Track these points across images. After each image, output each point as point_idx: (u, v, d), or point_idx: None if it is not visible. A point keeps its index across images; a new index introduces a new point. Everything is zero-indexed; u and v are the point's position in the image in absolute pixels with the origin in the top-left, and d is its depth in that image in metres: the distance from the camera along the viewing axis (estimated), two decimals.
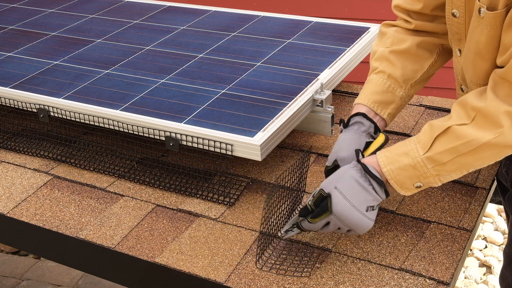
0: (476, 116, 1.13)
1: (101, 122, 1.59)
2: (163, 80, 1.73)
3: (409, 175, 1.18)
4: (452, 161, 1.15)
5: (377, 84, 1.38)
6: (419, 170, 1.17)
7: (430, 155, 1.16)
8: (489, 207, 3.24)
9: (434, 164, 1.16)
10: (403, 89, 1.39)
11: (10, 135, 1.77)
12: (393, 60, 1.38)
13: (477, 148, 1.13)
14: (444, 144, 1.15)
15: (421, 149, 1.17)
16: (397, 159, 1.19)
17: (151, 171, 1.58)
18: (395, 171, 1.19)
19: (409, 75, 1.39)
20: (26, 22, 2.23)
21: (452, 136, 1.14)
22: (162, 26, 2.12)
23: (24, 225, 1.45)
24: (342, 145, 1.32)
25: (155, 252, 1.32)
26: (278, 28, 2.04)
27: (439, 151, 1.15)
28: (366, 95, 1.38)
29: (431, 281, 1.20)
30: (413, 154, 1.17)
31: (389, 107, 1.38)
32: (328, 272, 1.24)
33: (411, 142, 1.19)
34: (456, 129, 1.14)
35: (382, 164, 1.20)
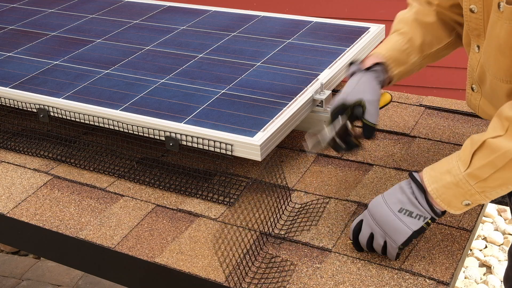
0: (510, 126, 1.11)
1: (101, 122, 1.59)
2: (163, 80, 1.73)
3: (454, 193, 1.16)
4: (492, 177, 1.12)
5: (397, 42, 1.41)
6: (463, 188, 1.15)
7: (470, 171, 1.13)
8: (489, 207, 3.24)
9: (476, 181, 1.14)
10: (417, 56, 1.42)
11: (10, 135, 1.77)
12: (415, 27, 1.42)
13: None
14: (482, 159, 1.12)
15: (462, 166, 1.15)
16: (441, 178, 1.17)
17: (151, 171, 1.58)
18: (440, 190, 1.17)
19: (426, 45, 1.42)
20: (26, 22, 2.23)
21: (488, 150, 1.12)
22: (162, 26, 2.12)
23: (24, 225, 1.45)
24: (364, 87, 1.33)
25: (155, 252, 1.32)
26: (278, 28, 2.04)
27: (478, 166, 1.13)
28: (387, 48, 1.41)
29: (431, 281, 1.20)
30: (454, 172, 1.15)
31: (401, 67, 1.41)
32: (328, 272, 1.24)
33: (453, 159, 1.18)
34: (490, 142, 1.12)
35: (427, 184, 1.18)
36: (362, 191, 1.46)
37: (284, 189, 1.42)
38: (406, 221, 1.18)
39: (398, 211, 1.19)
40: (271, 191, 1.35)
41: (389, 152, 1.61)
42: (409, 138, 1.67)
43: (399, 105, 1.83)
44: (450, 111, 1.78)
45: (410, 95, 1.89)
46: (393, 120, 1.75)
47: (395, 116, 1.77)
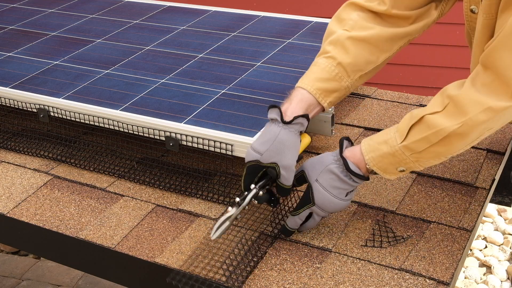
0: (449, 104, 1.14)
1: (101, 122, 1.59)
2: (163, 80, 1.73)
3: (390, 161, 1.21)
4: (427, 151, 1.17)
5: (324, 70, 1.31)
6: (398, 157, 1.20)
7: (406, 144, 1.18)
8: (489, 207, 3.24)
9: (411, 152, 1.18)
10: (350, 79, 1.33)
11: (10, 135, 1.77)
12: (348, 47, 1.31)
13: (446, 138, 1.14)
14: (418, 133, 1.17)
15: (399, 137, 1.19)
16: (378, 147, 1.22)
17: (151, 171, 1.58)
18: (376, 159, 1.22)
19: (360, 66, 1.33)
20: (26, 22, 2.23)
21: (424, 126, 1.16)
22: (162, 26, 2.12)
23: (24, 225, 1.45)
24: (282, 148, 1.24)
25: (155, 252, 1.32)
26: (278, 28, 2.04)
27: (414, 140, 1.17)
28: (311, 80, 1.31)
29: (431, 281, 1.20)
30: (391, 143, 1.20)
31: (332, 95, 1.33)
32: (328, 272, 1.24)
33: (391, 130, 1.22)
34: (428, 118, 1.15)
35: (365, 152, 1.23)
36: (362, 191, 1.46)
37: None
38: (349, 198, 1.27)
39: (345, 196, 1.26)
40: None
41: None
42: None
43: (399, 105, 1.83)
44: None
45: (410, 95, 1.89)
46: (393, 120, 1.75)
47: (395, 116, 1.77)
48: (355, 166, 1.24)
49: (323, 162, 1.26)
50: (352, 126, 1.74)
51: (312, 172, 1.27)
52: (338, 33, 1.33)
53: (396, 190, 1.46)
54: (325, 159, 1.27)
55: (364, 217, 1.38)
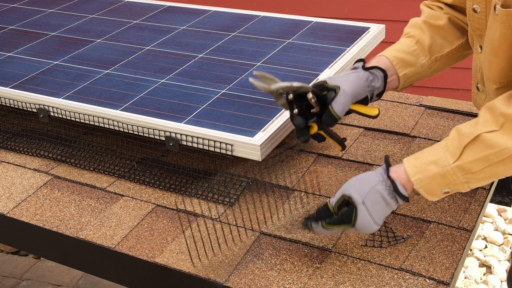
0: (506, 122, 1.10)
1: (101, 122, 1.59)
2: (163, 80, 1.73)
3: (439, 183, 1.16)
4: (483, 171, 1.13)
5: (404, 45, 1.41)
6: (449, 179, 1.15)
7: (460, 164, 1.13)
8: (489, 207, 3.24)
9: (464, 173, 1.14)
10: (426, 58, 1.40)
11: (10, 135, 1.77)
12: (424, 29, 1.41)
13: (510, 157, 1.10)
14: (475, 153, 1.12)
15: (451, 157, 1.14)
16: (426, 168, 1.16)
17: (151, 171, 1.58)
18: (424, 180, 1.16)
19: (436, 47, 1.41)
20: (26, 22, 2.23)
21: (483, 145, 1.11)
22: (162, 26, 2.12)
23: (24, 225, 1.45)
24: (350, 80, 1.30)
25: (155, 252, 1.32)
26: (278, 28, 2.04)
27: (470, 160, 1.12)
28: (391, 50, 1.40)
29: (431, 281, 1.20)
30: (442, 163, 1.14)
31: (408, 68, 1.39)
32: (328, 272, 1.24)
33: (440, 150, 1.16)
34: (486, 137, 1.11)
35: (411, 174, 1.17)
36: None
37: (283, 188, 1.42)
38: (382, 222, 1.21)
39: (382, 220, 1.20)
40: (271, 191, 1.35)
41: (389, 152, 1.61)
42: (409, 138, 1.67)
43: (399, 105, 1.83)
44: (450, 111, 1.78)
45: (410, 95, 1.89)
46: (393, 120, 1.75)
47: (395, 116, 1.77)
48: (403, 188, 1.18)
49: (369, 182, 1.19)
50: (352, 126, 1.74)
51: (357, 193, 1.19)
52: (415, 19, 1.45)
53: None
54: (370, 178, 1.20)
55: None
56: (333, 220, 1.20)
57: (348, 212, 1.18)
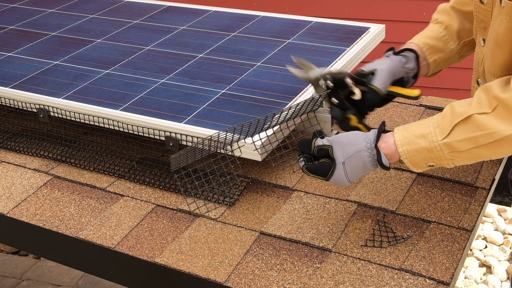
0: (498, 106, 1.10)
1: (101, 122, 1.59)
2: (163, 80, 1.73)
3: (424, 157, 1.18)
4: (469, 151, 1.14)
5: (433, 31, 1.44)
6: (435, 154, 1.16)
7: (448, 141, 1.14)
8: (489, 207, 3.24)
9: (450, 150, 1.15)
10: (456, 43, 1.43)
11: (10, 135, 1.77)
12: (452, 15, 1.44)
13: (497, 142, 1.10)
14: (464, 132, 1.13)
15: (440, 134, 1.15)
16: (414, 141, 1.17)
17: (151, 171, 1.58)
18: (411, 152, 1.18)
19: (465, 32, 1.44)
20: (26, 22, 2.23)
21: (473, 126, 1.12)
22: (162, 26, 2.12)
23: (24, 225, 1.45)
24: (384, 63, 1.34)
25: (155, 252, 1.32)
26: (278, 28, 2.04)
27: (458, 139, 1.13)
28: (421, 37, 1.43)
29: (431, 281, 1.20)
30: (431, 138, 1.16)
31: (438, 54, 1.42)
32: (328, 272, 1.24)
33: (431, 125, 1.17)
34: (477, 118, 1.12)
35: (399, 144, 1.19)
36: (362, 191, 1.46)
37: None
38: None
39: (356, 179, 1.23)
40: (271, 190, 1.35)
41: None
42: None
43: (399, 105, 1.83)
44: None
45: None
46: (393, 120, 1.75)
47: (395, 116, 1.77)
48: (387, 160, 1.20)
49: (355, 145, 1.21)
50: None
51: (341, 152, 1.20)
52: (443, 4, 1.47)
53: (396, 190, 1.46)
54: (358, 142, 1.21)
55: (364, 217, 1.38)
56: (311, 168, 1.22)
57: (327, 166, 1.21)
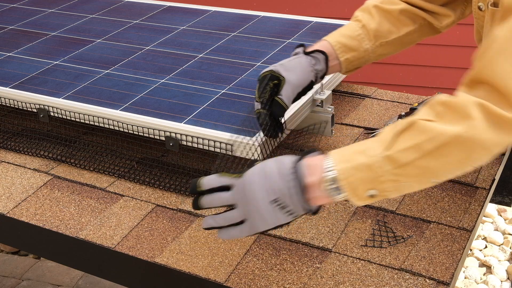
0: (443, 110, 0.99)
1: (101, 122, 1.59)
2: (163, 80, 1.73)
3: (362, 177, 1.00)
4: (414, 164, 0.99)
5: (349, 29, 1.43)
6: (375, 172, 1.00)
7: (389, 153, 0.99)
8: (489, 207, 3.24)
9: (393, 166, 0.99)
10: (371, 43, 1.42)
11: (10, 135, 1.77)
12: (373, 13, 1.43)
13: (444, 146, 0.97)
14: (407, 140, 0.99)
15: (381, 147, 1.00)
16: (352, 157, 1.02)
17: (151, 171, 1.58)
18: (349, 171, 1.01)
19: (383, 33, 1.42)
20: (26, 22, 2.23)
21: (416, 131, 0.99)
22: (162, 26, 2.12)
23: (24, 225, 1.45)
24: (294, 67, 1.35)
25: (155, 252, 1.32)
26: (278, 28, 2.04)
27: (401, 148, 0.99)
28: (335, 35, 1.43)
29: (431, 281, 1.20)
30: (370, 152, 1.00)
31: (350, 53, 1.42)
32: (328, 272, 1.24)
33: (371, 140, 1.04)
34: (420, 123, 0.99)
35: (336, 162, 1.02)
36: None
37: None
38: (276, 214, 1.04)
39: (271, 200, 1.03)
40: None
41: None
42: None
43: (399, 105, 1.83)
44: None
45: (410, 95, 1.89)
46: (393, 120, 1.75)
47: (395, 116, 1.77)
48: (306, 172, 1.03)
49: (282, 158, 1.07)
50: (352, 126, 1.74)
51: None
52: (368, 2, 1.46)
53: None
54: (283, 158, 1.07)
55: (364, 217, 1.38)
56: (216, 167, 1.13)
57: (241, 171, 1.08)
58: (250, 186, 1.05)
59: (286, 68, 1.34)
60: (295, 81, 1.33)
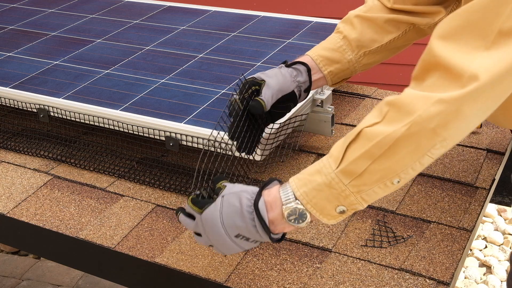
0: (389, 110, 0.99)
1: (101, 122, 1.59)
2: (163, 80, 1.73)
3: (326, 196, 1.01)
4: (368, 171, 0.99)
5: (329, 42, 1.41)
6: (336, 189, 1.00)
7: (342, 167, 1.00)
8: (489, 207, 3.24)
9: (350, 178, 1.00)
10: (353, 54, 1.39)
11: (10, 135, 1.77)
12: (354, 24, 1.40)
13: (392, 148, 0.97)
14: (356, 150, 0.99)
15: (333, 163, 1.01)
16: (310, 179, 1.02)
17: (151, 171, 1.58)
18: (310, 194, 1.02)
19: (365, 42, 1.39)
20: (26, 22, 2.23)
21: (363, 140, 0.99)
22: (162, 26, 2.12)
23: (24, 225, 1.45)
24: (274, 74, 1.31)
25: (155, 252, 1.32)
26: (278, 28, 2.04)
27: (351, 160, 0.99)
28: (316, 49, 1.40)
29: (431, 281, 1.20)
30: (325, 171, 1.01)
31: (333, 65, 1.39)
32: (328, 272, 1.24)
33: (324, 158, 1.04)
34: (366, 131, 0.99)
35: (295, 188, 1.03)
36: None
37: None
38: (241, 245, 1.08)
39: (235, 236, 1.06)
40: None
41: None
42: None
43: None
44: None
45: None
46: None
47: None
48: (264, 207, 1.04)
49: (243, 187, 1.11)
50: (352, 126, 1.74)
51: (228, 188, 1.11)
52: (351, 12, 1.43)
53: (396, 190, 1.46)
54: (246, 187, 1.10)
55: (364, 217, 1.38)
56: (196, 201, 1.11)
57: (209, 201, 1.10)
58: (209, 225, 1.07)
59: (267, 75, 1.32)
60: (275, 85, 1.29)
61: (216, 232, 1.06)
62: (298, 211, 1.03)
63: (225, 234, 1.06)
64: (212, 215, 1.07)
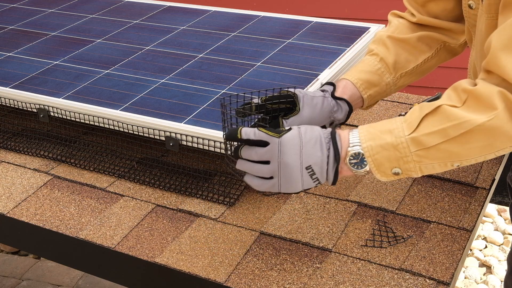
0: (468, 98, 1.04)
1: (101, 122, 1.59)
2: (163, 80, 1.73)
3: (389, 155, 1.07)
4: (437, 148, 1.04)
5: (367, 64, 1.37)
6: (401, 152, 1.06)
7: (415, 136, 1.05)
8: (489, 207, 3.24)
9: (418, 148, 1.05)
10: (391, 76, 1.37)
11: (10, 135, 1.77)
12: (388, 45, 1.38)
13: (468, 133, 1.02)
14: (432, 124, 1.04)
15: (407, 128, 1.06)
16: (380, 136, 1.08)
17: (151, 171, 1.58)
18: (375, 148, 1.07)
19: (401, 63, 1.38)
20: (26, 22, 2.23)
21: (442, 117, 1.04)
22: (162, 26, 2.12)
23: (24, 225, 1.45)
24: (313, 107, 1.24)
25: (155, 252, 1.32)
26: (278, 28, 2.04)
27: (426, 132, 1.04)
28: (355, 72, 1.36)
29: (431, 281, 1.20)
30: (397, 133, 1.06)
31: (373, 88, 1.36)
32: (328, 272, 1.24)
33: (398, 120, 1.09)
34: (446, 108, 1.04)
35: (363, 139, 1.08)
36: (362, 191, 1.46)
37: None
38: (304, 179, 1.08)
39: (306, 167, 1.08)
40: None
41: None
42: None
43: (399, 105, 1.83)
44: None
45: (410, 95, 1.89)
46: None
47: (395, 116, 1.77)
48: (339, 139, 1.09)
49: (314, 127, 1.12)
50: (352, 126, 1.74)
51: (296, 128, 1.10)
52: (379, 34, 1.41)
53: (396, 190, 1.46)
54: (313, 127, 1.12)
55: (364, 217, 1.38)
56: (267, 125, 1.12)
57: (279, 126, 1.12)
58: (287, 149, 1.07)
59: (308, 102, 1.24)
60: (305, 118, 1.23)
61: (292, 157, 1.07)
62: (360, 156, 1.09)
63: (299, 161, 1.07)
64: (293, 139, 1.08)
